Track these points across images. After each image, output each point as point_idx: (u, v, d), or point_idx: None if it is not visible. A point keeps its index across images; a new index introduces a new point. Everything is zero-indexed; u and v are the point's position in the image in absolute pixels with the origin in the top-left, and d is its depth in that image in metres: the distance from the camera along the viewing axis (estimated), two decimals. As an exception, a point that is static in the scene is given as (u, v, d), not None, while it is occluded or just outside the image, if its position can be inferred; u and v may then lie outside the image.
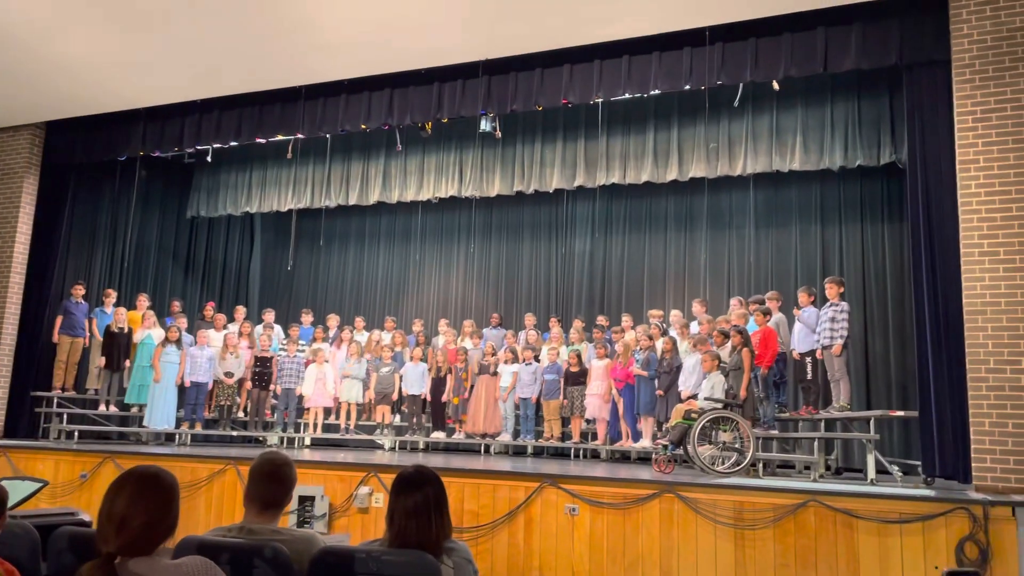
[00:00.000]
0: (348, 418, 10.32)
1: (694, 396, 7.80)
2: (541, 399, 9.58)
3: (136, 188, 10.93)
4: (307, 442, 10.26)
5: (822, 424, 7.49)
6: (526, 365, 9.69)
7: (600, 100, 8.49)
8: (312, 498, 6.70)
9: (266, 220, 13.56)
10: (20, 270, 10.02)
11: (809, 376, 7.69)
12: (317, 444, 10.32)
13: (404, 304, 12.64)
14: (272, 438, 10.19)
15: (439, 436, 9.99)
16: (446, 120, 8.98)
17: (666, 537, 5.66)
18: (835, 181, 9.72)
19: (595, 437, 9.35)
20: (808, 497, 5.40)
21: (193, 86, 9.20)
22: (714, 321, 8.57)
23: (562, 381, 9.50)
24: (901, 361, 9.00)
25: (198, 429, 10.09)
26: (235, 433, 10.31)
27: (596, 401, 9.15)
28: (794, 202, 10.15)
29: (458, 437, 9.96)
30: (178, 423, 9.96)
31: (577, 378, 9.39)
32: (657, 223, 11.12)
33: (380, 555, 2.50)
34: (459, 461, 7.85)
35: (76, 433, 9.63)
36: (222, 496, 7.21)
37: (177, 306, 11.11)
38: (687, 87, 7.77)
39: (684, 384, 8.22)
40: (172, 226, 12.41)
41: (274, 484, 2.72)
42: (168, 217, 12.35)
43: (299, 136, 9.61)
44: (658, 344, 8.79)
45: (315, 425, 10.25)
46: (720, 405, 7.01)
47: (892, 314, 9.23)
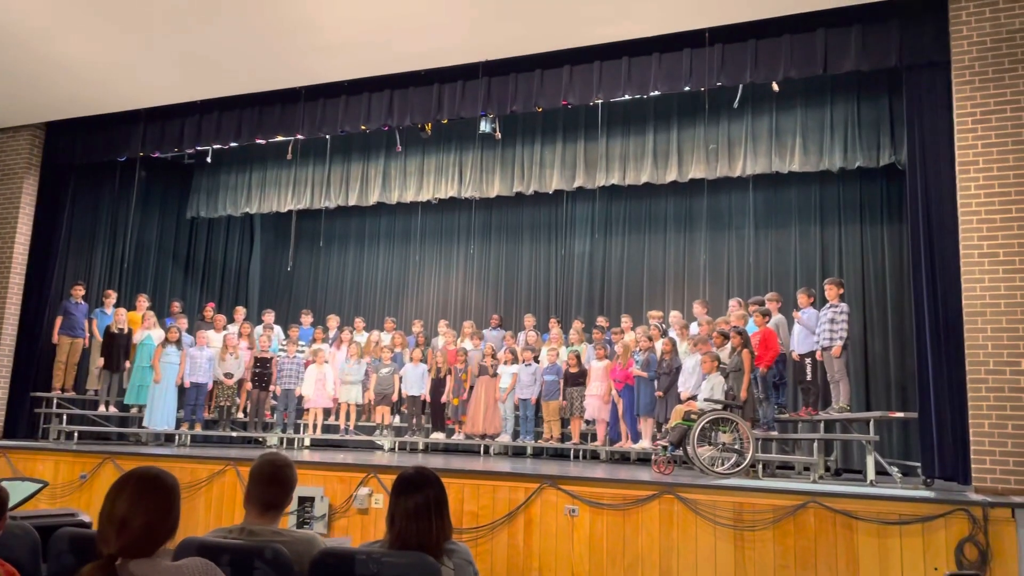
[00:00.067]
0: (348, 419, 10.33)
1: (693, 397, 7.81)
2: (541, 400, 9.58)
3: (136, 189, 10.92)
4: (307, 443, 10.26)
5: (822, 425, 7.50)
6: (526, 366, 9.68)
7: (600, 101, 8.52)
8: (312, 499, 6.70)
9: (266, 221, 13.58)
10: (20, 271, 10.02)
11: (809, 377, 7.69)
12: (317, 445, 10.31)
13: (404, 305, 12.64)
14: (272, 439, 10.19)
15: (438, 437, 9.99)
16: (446, 121, 9.00)
17: (666, 538, 5.66)
18: (835, 182, 9.73)
19: (594, 438, 9.35)
20: (808, 498, 5.40)
21: (193, 87, 9.21)
22: (714, 322, 8.56)
23: (562, 382, 9.50)
24: (901, 362, 9.00)
25: (198, 430, 10.10)
26: (235, 434, 10.30)
27: (596, 402, 9.15)
28: (794, 203, 10.15)
29: (457, 438, 9.96)
30: (178, 424, 9.96)
31: (577, 379, 9.39)
32: (657, 224, 11.12)
33: (380, 556, 2.51)
34: (459, 462, 7.84)
35: (76, 434, 9.63)
36: (222, 497, 7.22)
37: (177, 307, 11.12)
38: (687, 88, 7.77)
39: (684, 385, 8.22)
40: (172, 227, 12.42)
41: (275, 486, 2.72)
42: (168, 218, 12.36)
43: (299, 137, 9.63)
44: (658, 345, 8.79)
45: (315, 426, 10.25)
46: (720, 406, 7.01)
47: (892, 315, 9.24)
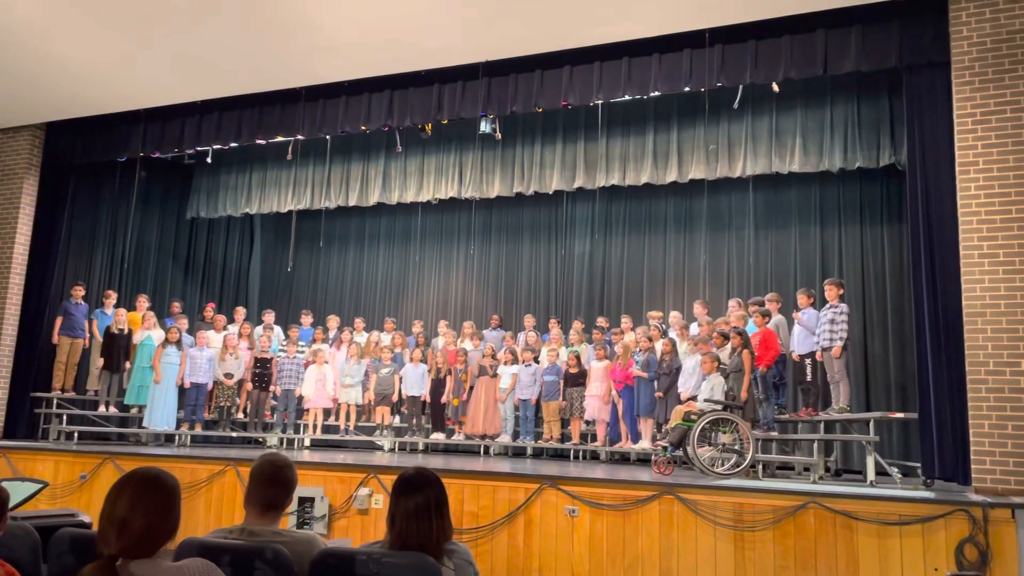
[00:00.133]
0: (348, 419, 10.33)
1: (693, 398, 7.81)
2: (541, 400, 9.57)
3: (136, 189, 10.92)
4: (307, 443, 10.26)
5: (822, 426, 7.51)
6: (526, 366, 9.68)
7: (600, 102, 8.51)
8: (312, 499, 6.70)
9: (266, 221, 13.58)
10: (20, 271, 10.02)
11: (809, 378, 7.69)
12: (317, 445, 10.32)
13: (404, 305, 12.64)
14: (272, 439, 10.19)
15: (438, 437, 9.99)
16: (446, 121, 9.00)
17: (666, 538, 5.66)
18: (835, 183, 9.73)
19: (594, 438, 9.35)
20: (808, 499, 5.41)
21: (193, 87, 9.21)
22: (714, 323, 8.56)
23: (561, 382, 9.50)
24: (900, 363, 9.00)
25: (198, 430, 10.09)
26: (235, 434, 10.30)
27: (596, 402, 9.15)
28: (793, 204, 10.15)
29: (458, 438, 9.96)
30: (178, 424, 9.96)
31: (576, 379, 9.39)
32: (657, 224, 11.13)
33: (381, 557, 2.51)
34: (459, 462, 7.84)
35: (76, 434, 9.63)
36: (222, 497, 7.22)
37: (177, 307, 11.13)
38: (687, 89, 7.77)
39: (684, 386, 8.23)
40: (172, 227, 12.43)
41: (275, 486, 2.72)
42: (168, 218, 12.37)
43: (299, 137, 9.63)
44: (658, 345, 8.79)
45: (315, 426, 10.25)
46: (720, 407, 7.01)
47: (891, 316, 9.24)
